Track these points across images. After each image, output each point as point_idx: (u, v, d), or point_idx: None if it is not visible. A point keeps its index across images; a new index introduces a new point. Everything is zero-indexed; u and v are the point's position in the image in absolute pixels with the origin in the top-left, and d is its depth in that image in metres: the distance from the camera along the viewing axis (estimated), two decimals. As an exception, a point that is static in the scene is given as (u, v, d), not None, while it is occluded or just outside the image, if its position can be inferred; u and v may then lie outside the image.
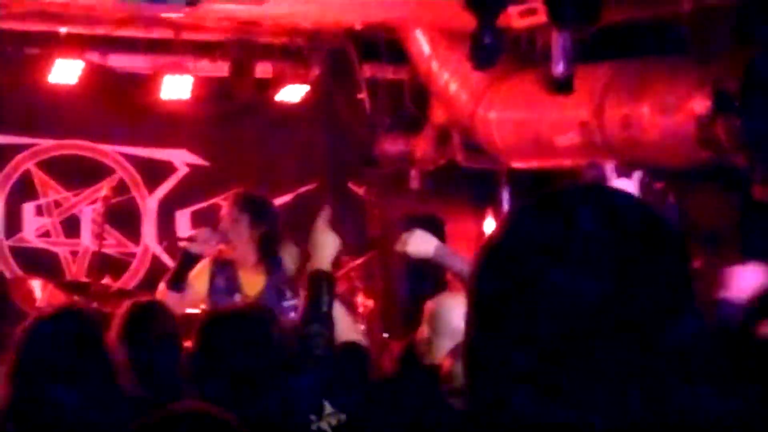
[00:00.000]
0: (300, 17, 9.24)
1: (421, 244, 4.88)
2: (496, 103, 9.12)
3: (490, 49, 7.38)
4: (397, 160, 10.39)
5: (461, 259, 4.81)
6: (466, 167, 10.09)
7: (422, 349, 4.73)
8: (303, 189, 10.54)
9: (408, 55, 9.69)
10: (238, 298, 6.20)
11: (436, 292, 5.49)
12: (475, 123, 9.31)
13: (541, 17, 7.79)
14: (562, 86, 7.82)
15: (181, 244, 6.57)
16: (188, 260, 6.20)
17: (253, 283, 6.33)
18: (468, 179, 10.49)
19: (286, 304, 6.15)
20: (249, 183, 10.37)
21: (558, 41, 7.66)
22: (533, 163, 9.26)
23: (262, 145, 10.39)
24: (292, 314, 5.82)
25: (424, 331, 4.74)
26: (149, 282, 9.61)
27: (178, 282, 6.15)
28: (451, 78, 9.38)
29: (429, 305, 4.82)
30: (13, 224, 9.67)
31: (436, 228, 8.33)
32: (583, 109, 8.19)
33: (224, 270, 6.33)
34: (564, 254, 1.43)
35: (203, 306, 6.30)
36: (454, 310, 4.60)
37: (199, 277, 6.27)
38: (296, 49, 9.95)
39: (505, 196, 10.52)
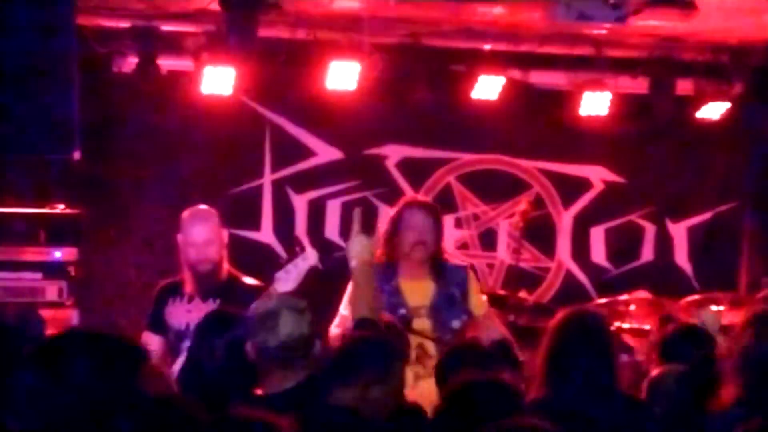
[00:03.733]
0: (725, 33, 9.01)
1: None
2: None
3: None
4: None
5: None
6: None
7: None
8: (722, 208, 10.32)
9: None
10: None
11: None
12: None
13: None
14: None
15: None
16: None
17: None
18: None
19: None
20: (665, 200, 10.32)
21: None
22: None
23: (681, 162, 10.23)
24: None
25: None
26: (563, 297, 9.68)
27: None
28: None
29: None
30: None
31: None
32: None
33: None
34: None
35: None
36: None
37: None
38: (719, 66, 9.71)
39: None
